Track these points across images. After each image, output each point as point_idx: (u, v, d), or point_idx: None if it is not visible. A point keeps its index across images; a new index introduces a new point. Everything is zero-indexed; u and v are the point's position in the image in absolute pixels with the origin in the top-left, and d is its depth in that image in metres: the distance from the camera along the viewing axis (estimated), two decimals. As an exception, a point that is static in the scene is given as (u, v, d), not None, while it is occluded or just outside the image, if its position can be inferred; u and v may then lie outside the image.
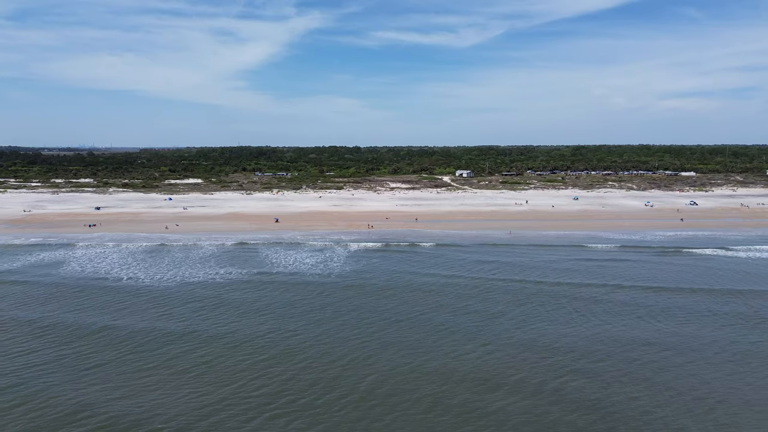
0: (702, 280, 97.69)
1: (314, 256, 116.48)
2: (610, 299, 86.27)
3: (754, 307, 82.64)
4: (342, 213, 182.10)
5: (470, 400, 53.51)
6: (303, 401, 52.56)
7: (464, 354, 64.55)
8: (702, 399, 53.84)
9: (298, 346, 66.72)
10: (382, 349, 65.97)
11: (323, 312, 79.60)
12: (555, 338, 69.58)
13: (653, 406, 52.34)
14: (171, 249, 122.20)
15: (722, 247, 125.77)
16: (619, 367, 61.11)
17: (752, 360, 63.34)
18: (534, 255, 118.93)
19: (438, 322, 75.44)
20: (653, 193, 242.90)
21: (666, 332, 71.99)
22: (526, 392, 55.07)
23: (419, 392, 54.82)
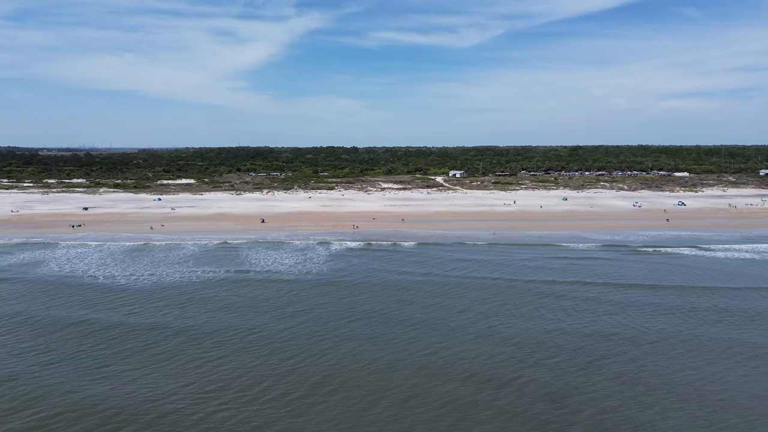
0: (672, 278, 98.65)
1: (294, 255, 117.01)
2: (580, 295, 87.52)
3: (718, 303, 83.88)
4: (329, 213, 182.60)
5: (428, 391, 54.78)
6: (250, 394, 53.54)
7: (426, 347, 65.91)
8: (655, 389, 55.22)
9: (258, 340, 68.00)
10: (341, 342, 67.50)
11: (291, 308, 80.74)
12: (519, 332, 71.16)
13: (607, 396, 53.77)
14: (152, 249, 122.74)
15: (702, 247, 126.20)
16: (581, 358, 62.82)
17: (710, 352, 65.08)
18: (513, 254, 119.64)
19: (404, 317, 76.80)
20: (643, 194, 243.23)
21: (629, 326, 73.49)
22: (490, 384, 56.57)
23: (371, 384, 56.07)
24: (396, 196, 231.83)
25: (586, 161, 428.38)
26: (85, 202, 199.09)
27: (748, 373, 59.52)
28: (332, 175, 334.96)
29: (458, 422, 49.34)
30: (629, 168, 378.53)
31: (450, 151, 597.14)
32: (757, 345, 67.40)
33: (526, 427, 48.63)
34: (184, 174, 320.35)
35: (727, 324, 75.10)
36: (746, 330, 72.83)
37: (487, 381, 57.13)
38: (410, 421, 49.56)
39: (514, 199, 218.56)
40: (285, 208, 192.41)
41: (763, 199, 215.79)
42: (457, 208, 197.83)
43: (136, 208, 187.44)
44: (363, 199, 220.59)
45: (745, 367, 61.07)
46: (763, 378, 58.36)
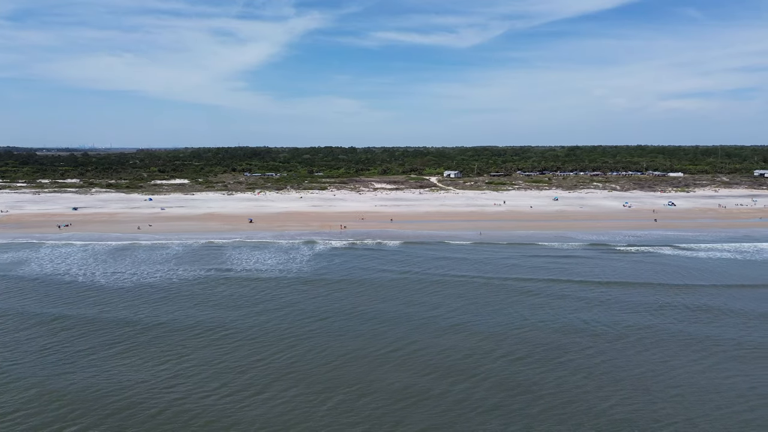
0: (647, 276, 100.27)
1: (277, 255, 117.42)
2: (552, 293, 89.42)
3: (687, 300, 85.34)
4: (319, 213, 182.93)
5: (386, 382, 56.42)
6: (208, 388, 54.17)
7: (392, 341, 67.67)
8: (612, 381, 57.04)
9: (225, 337, 69.25)
10: (307, 338, 68.88)
11: (264, 306, 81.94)
12: (487, 327, 73.06)
13: (566, 387, 55.51)
14: (137, 249, 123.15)
15: (685, 247, 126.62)
16: (543, 352, 64.51)
17: (673, 345, 67.03)
18: (495, 253, 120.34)
19: (375, 313, 78.38)
20: (634, 194, 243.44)
21: (594, 322, 75.51)
22: (449, 376, 58.15)
23: (330, 377, 57.37)
24: (387, 197, 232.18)
25: (583, 161, 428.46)
26: (76, 202, 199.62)
27: (706, 367, 60.51)
28: (327, 176, 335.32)
29: (410, 412, 50.39)
30: (625, 168, 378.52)
31: (447, 152, 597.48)
32: (717, 340, 68.75)
33: (477, 415, 49.86)
34: (178, 174, 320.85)
35: (692, 320, 76.42)
36: (710, 326, 73.99)
37: (447, 373, 58.61)
38: (362, 410, 50.62)
39: (504, 200, 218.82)
40: (275, 208, 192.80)
41: (753, 200, 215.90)
42: (447, 209, 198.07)
43: (126, 208, 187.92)
44: (354, 200, 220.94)
45: (704, 361, 62.18)
46: (716, 372, 59.43)
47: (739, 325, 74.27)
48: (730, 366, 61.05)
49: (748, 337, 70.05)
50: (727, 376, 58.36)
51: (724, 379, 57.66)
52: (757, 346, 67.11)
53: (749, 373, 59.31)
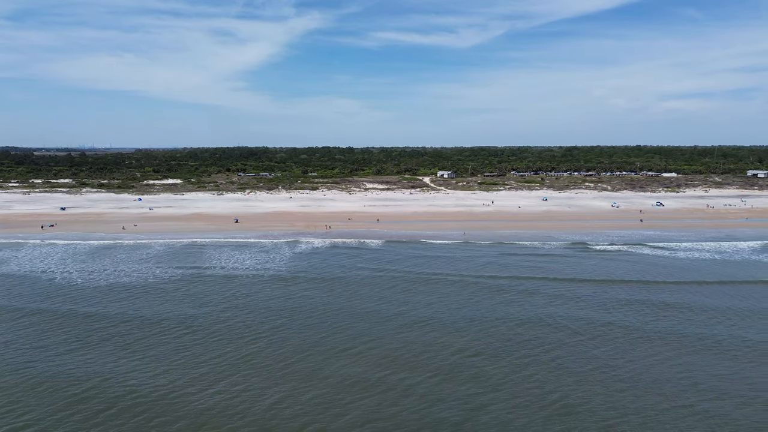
0: (619, 274, 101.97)
1: (258, 255, 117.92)
2: (522, 289, 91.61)
3: (652, 296, 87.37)
4: (306, 213, 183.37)
5: (337, 373, 58.51)
6: (158, 381, 54.89)
7: (353, 335, 70.02)
8: (575, 371, 59.31)
9: (186, 333, 70.73)
10: (268, 333, 70.54)
11: (232, 302, 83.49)
12: (450, 321, 75.56)
13: (523, 378, 57.89)
14: (119, 249, 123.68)
15: (665, 247, 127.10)
16: (499, 343, 67.11)
17: (638, 338, 69.38)
18: (474, 252, 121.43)
19: (341, 309, 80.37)
20: (625, 194, 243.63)
21: (556, 315, 77.81)
22: (403, 366, 60.26)
23: (295, 370, 58.72)
24: (378, 197, 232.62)
25: (578, 162, 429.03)
26: (65, 202, 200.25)
27: (660, 359, 61.99)
28: (321, 176, 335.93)
29: (355, 403, 52.28)
30: (619, 168, 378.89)
31: (444, 152, 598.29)
32: (676, 334, 70.52)
33: (422, 404, 51.93)
34: (172, 174, 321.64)
35: (655, 315, 78.01)
36: (672, 321, 75.65)
37: (401, 365, 60.64)
38: (308, 401, 52.68)
39: (493, 200, 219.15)
40: (263, 209, 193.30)
41: (742, 200, 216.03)
42: (435, 209, 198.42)
43: (115, 208, 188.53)
44: (344, 200, 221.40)
45: (661, 355, 63.55)
46: (670, 364, 60.97)
47: (703, 321, 75.47)
48: (689, 359, 62.38)
49: (710, 331, 71.43)
50: (683, 369, 59.73)
51: (680, 371, 59.06)
52: (719, 340, 68.31)
53: (703, 365, 60.73)
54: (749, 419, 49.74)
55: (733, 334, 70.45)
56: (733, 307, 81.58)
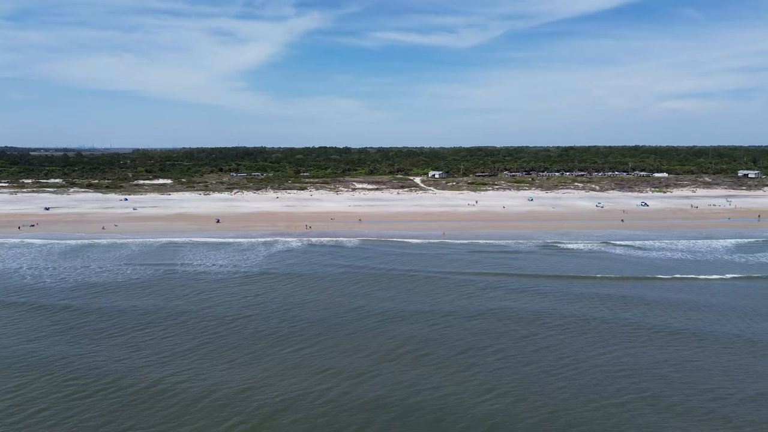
0: (582, 270, 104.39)
1: (232, 255, 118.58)
2: (485, 284, 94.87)
3: (604, 291, 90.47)
4: (290, 213, 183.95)
5: (284, 360, 62.27)
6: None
7: (303, 325, 73.42)
8: (517, 356, 63.31)
9: (138, 326, 73.32)
10: (217, 327, 73.23)
11: (193, 297, 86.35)
12: (408, 312, 78.41)
13: (471, 362, 62.13)
14: (94, 248, 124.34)
15: (639, 246, 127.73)
16: (464, 335, 70.04)
17: (585, 328, 72.85)
18: (446, 250, 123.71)
19: (298, 302, 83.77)
20: (611, 194, 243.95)
21: (505, 307, 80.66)
22: (346, 352, 64.04)
23: (234, 358, 61.04)
24: (365, 197, 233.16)
25: (573, 162, 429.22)
26: (50, 203, 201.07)
27: (594, 346, 66.64)
28: (313, 176, 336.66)
29: (279, 384, 56.10)
30: (612, 169, 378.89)
31: (441, 152, 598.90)
32: (612, 322, 74.47)
33: (354, 384, 55.83)
34: (163, 174, 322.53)
35: (600, 307, 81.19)
36: (614, 311, 79.34)
37: (348, 350, 64.61)
38: (243, 377, 57.61)
39: (477, 200, 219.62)
40: (247, 209, 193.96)
41: (728, 200, 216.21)
42: (420, 209, 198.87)
43: (99, 208, 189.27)
44: (330, 200, 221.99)
45: (594, 342, 67.99)
46: (602, 350, 64.97)
47: (657, 313, 78.48)
48: (618, 346, 66.56)
49: (664, 323, 74.43)
50: (617, 356, 63.37)
51: (614, 358, 62.93)
52: (674, 332, 71.37)
53: (644, 353, 64.25)
54: (672, 398, 52.92)
55: (666, 324, 73.92)
56: (678, 301, 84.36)
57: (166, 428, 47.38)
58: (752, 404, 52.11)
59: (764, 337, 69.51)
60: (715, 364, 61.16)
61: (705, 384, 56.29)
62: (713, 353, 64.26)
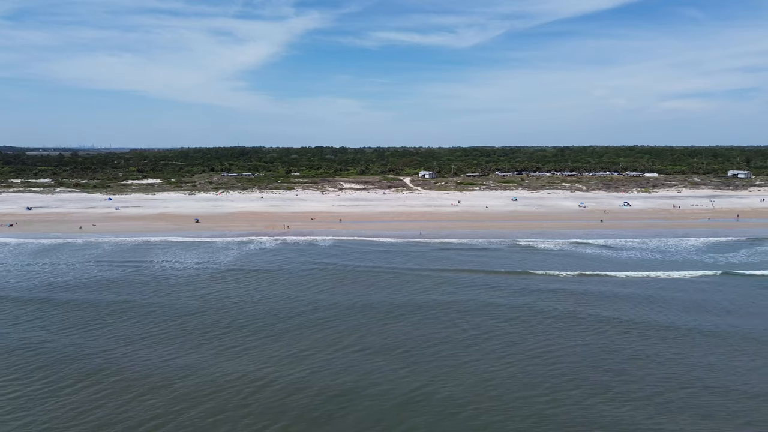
0: (541, 267, 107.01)
1: (203, 254, 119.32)
2: (440, 279, 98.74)
3: (566, 286, 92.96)
4: (272, 213, 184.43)
5: (219, 346, 66.52)
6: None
7: (266, 316, 77.39)
8: (448, 341, 68.26)
9: (84, 323, 75.33)
10: (165, 322, 75.50)
11: (152, 292, 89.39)
12: (355, 304, 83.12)
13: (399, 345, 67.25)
14: (67, 248, 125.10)
15: (611, 245, 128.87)
16: (418, 324, 74.34)
17: (518, 316, 77.47)
18: (415, 249, 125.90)
19: (253, 297, 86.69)
20: (597, 194, 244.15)
21: (460, 300, 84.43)
22: (282, 337, 69.13)
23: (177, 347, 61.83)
24: (350, 197, 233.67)
25: (566, 162, 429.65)
26: (34, 202, 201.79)
27: (531, 333, 71.52)
28: (304, 175, 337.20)
29: (240, 363, 61.03)
30: (604, 169, 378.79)
31: (436, 152, 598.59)
32: (545, 313, 78.25)
33: (305, 367, 60.73)
34: (154, 174, 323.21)
35: (546, 299, 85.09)
36: (558, 303, 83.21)
37: (296, 337, 69.30)
38: (190, 359, 62.07)
39: (460, 200, 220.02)
40: (230, 209, 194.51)
41: (711, 200, 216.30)
42: (403, 209, 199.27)
43: (81, 208, 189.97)
44: (315, 200, 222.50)
45: (531, 329, 72.43)
46: (531, 338, 69.45)
47: (599, 305, 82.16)
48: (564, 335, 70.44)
49: (603, 314, 77.83)
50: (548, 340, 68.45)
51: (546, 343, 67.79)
52: (617, 322, 74.73)
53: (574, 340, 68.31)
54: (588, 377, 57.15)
55: (604, 315, 77.44)
56: (626, 294, 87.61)
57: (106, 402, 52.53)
58: (683, 391, 54.78)
59: (703, 328, 72.18)
60: (647, 353, 64.20)
61: (630, 370, 59.37)
62: (647, 342, 67.22)
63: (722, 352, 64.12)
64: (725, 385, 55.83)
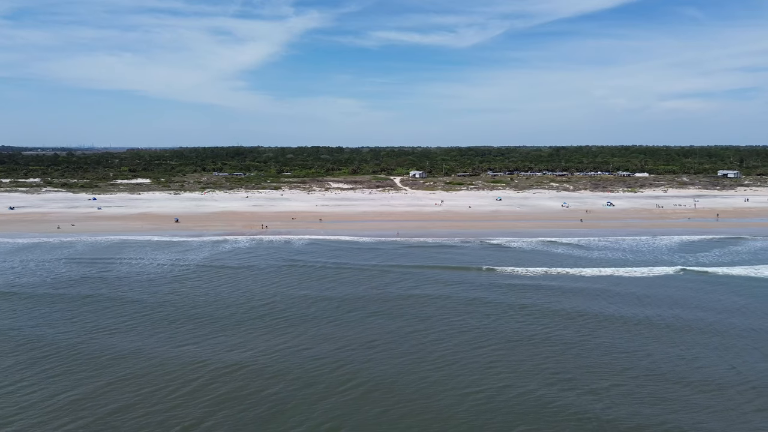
0: (509, 263, 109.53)
1: (176, 253, 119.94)
2: (398, 273, 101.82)
3: (497, 279, 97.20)
4: (253, 213, 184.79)
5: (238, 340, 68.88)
6: None
7: (223, 308, 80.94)
8: (418, 330, 71.88)
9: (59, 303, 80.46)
10: (112, 317, 77.53)
11: (112, 288, 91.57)
12: (308, 296, 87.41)
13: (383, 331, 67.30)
14: (40, 248, 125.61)
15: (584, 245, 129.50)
16: (369, 315, 78.27)
17: (464, 309, 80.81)
18: (384, 247, 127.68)
19: (204, 293, 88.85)
20: (582, 194, 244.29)
21: (417, 294, 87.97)
22: (272, 331, 71.81)
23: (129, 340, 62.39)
24: (335, 197, 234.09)
25: (560, 162, 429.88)
26: (18, 202, 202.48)
27: (474, 320, 75.75)
28: (295, 175, 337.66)
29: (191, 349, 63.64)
30: (597, 168, 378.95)
31: (432, 152, 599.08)
32: (494, 305, 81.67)
33: (261, 351, 64.92)
34: (145, 174, 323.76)
35: (497, 292, 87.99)
36: (502, 295, 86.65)
37: (245, 325, 73.75)
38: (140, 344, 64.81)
39: (443, 200, 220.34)
40: (212, 208, 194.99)
41: (695, 200, 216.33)
42: (386, 209, 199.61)
43: (64, 208, 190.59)
44: (300, 199, 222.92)
45: (471, 317, 76.73)
46: (472, 325, 73.44)
47: (554, 298, 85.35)
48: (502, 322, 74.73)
49: (551, 306, 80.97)
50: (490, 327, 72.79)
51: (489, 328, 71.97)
52: (562, 314, 78.00)
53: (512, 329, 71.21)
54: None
55: (556, 307, 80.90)
56: (582, 289, 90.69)
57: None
58: (620, 376, 57.69)
59: (640, 319, 75.64)
60: (581, 340, 67.87)
61: (566, 357, 62.88)
62: (583, 331, 70.99)
63: (652, 338, 68.02)
64: (652, 370, 58.87)
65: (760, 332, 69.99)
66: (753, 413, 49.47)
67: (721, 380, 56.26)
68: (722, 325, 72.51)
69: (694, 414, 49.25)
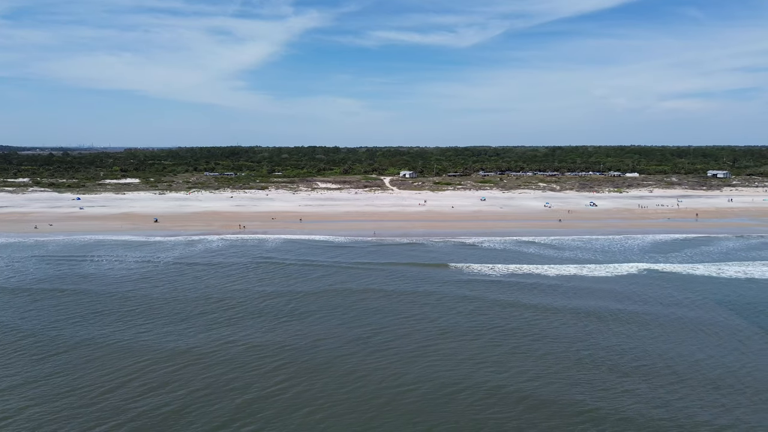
0: (474, 260, 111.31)
1: (147, 253, 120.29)
2: (358, 270, 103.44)
3: (454, 275, 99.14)
4: (234, 213, 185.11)
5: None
6: None
7: (185, 302, 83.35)
8: (369, 328, 72.80)
9: None
10: (74, 313, 76.94)
11: (76, 284, 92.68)
12: (275, 290, 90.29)
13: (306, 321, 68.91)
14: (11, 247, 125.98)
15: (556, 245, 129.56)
16: (321, 306, 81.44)
17: (419, 301, 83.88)
18: (355, 246, 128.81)
19: (165, 289, 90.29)
20: (568, 194, 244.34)
21: (376, 288, 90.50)
22: (223, 322, 74.41)
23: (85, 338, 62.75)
24: (320, 197, 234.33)
25: (553, 161, 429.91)
26: (2, 201, 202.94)
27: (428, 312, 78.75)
28: (286, 175, 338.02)
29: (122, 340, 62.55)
30: (588, 168, 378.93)
31: (430, 151, 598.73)
32: (449, 297, 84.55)
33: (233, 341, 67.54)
34: (135, 174, 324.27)
35: (454, 287, 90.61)
36: (458, 289, 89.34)
37: (210, 317, 76.46)
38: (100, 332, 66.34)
39: (426, 200, 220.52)
40: (194, 208, 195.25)
41: (678, 200, 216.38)
42: (369, 209, 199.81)
43: (46, 208, 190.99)
44: (284, 199, 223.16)
45: (420, 308, 79.82)
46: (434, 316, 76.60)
47: (510, 292, 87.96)
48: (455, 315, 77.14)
49: (504, 297, 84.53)
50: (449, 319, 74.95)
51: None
52: (517, 306, 78.86)
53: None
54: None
55: (511, 300, 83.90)
56: (537, 284, 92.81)
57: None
58: (555, 362, 60.93)
59: (589, 311, 78.43)
60: (530, 330, 70.96)
61: (517, 345, 66.43)
62: (531, 322, 73.98)
63: (595, 329, 70.92)
64: (588, 357, 62.30)
65: (697, 323, 73.81)
66: (652, 391, 54.23)
67: (652, 367, 59.71)
68: (664, 318, 75.33)
69: (614, 397, 53.13)
